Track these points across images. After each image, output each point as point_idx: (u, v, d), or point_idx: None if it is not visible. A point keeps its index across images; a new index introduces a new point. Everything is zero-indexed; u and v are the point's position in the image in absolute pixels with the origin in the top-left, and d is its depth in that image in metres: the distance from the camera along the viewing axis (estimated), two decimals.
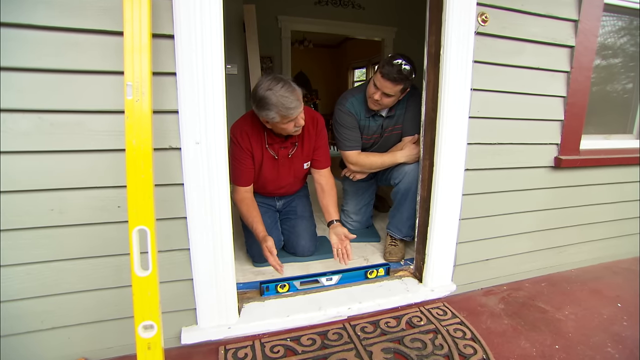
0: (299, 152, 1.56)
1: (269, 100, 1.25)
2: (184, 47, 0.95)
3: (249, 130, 1.44)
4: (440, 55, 1.27)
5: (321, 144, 1.60)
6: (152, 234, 0.81)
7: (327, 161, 1.64)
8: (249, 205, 1.48)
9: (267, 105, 1.26)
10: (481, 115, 1.35)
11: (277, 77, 1.28)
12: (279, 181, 1.60)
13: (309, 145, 1.56)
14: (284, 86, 1.26)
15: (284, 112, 1.27)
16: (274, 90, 1.24)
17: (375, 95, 1.57)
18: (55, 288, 1.00)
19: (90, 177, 0.96)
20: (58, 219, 0.95)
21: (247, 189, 1.50)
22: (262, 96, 1.25)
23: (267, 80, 1.27)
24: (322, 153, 1.61)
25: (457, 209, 1.40)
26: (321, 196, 1.61)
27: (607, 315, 1.38)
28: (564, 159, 1.51)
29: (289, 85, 1.28)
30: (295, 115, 1.31)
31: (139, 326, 0.82)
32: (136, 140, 0.80)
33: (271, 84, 1.25)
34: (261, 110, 1.29)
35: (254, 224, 1.43)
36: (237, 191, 1.48)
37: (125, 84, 0.79)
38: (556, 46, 1.38)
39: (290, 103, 1.26)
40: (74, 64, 0.89)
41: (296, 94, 1.29)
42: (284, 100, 1.25)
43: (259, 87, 1.27)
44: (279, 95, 1.24)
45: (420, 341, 1.20)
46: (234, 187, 1.45)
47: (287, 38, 4.13)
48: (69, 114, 0.91)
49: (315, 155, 1.60)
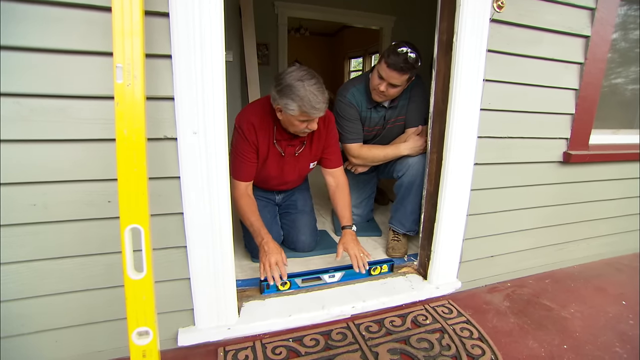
0: (307, 152, 1.47)
1: (297, 90, 1.16)
2: (180, 26, 0.86)
3: (257, 123, 1.33)
4: (452, 43, 1.20)
5: (332, 142, 1.50)
6: (146, 233, 0.74)
7: (339, 160, 1.55)
8: (248, 203, 1.37)
9: (292, 94, 1.17)
10: (492, 108, 1.29)
11: (311, 71, 1.20)
12: (282, 178, 1.52)
13: (317, 144, 1.48)
14: (316, 83, 1.18)
15: (307, 108, 1.18)
16: (305, 82, 1.16)
17: (380, 87, 1.49)
18: (40, 289, 0.92)
19: (76, 169, 0.87)
20: (41, 214, 0.87)
21: (247, 185, 1.40)
22: (290, 84, 1.17)
23: (300, 70, 1.19)
24: (333, 151, 1.52)
25: (465, 205, 1.35)
26: (334, 197, 1.53)
27: (613, 313, 1.37)
28: (574, 154, 1.47)
29: (321, 85, 1.20)
30: (315, 117, 1.23)
31: (133, 333, 0.75)
32: (128, 129, 0.72)
33: (304, 75, 1.18)
34: (282, 97, 1.20)
35: (254, 225, 1.33)
36: (236, 186, 1.37)
37: (115, 65, 0.70)
38: (572, 36, 1.32)
39: (316, 103, 1.18)
40: (56, 42, 0.79)
41: (325, 96, 1.21)
42: (312, 97, 1.17)
43: (289, 73, 1.19)
44: (308, 89, 1.16)
45: (426, 341, 1.17)
46: (233, 181, 1.36)
47: (283, 25, 4.01)
48: (51, 98, 0.81)
49: (325, 154, 1.51)
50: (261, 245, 1.29)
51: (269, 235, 1.31)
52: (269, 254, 1.26)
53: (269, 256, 1.26)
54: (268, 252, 1.26)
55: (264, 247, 1.28)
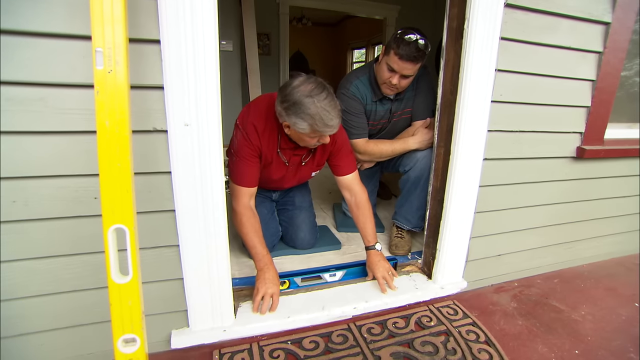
0: (312, 161, 1.36)
1: (307, 109, 1.04)
2: (168, 8, 0.79)
3: (262, 128, 1.19)
4: (463, 30, 1.12)
5: (341, 148, 1.34)
6: (131, 233, 0.68)
7: (351, 166, 1.38)
8: (252, 222, 1.21)
9: (302, 113, 1.04)
10: (504, 100, 1.21)
11: (320, 82, 1.07)
12: (281, 183, 1.41)
13: (327, 150, 1.34)
14: (327, 97, 1.05)
15: (319, 127, 1.06)
16: (315, 99, 1.03)
17: (393, 80, 1.40)
18: (22, 290, 0.87)
19: (59, 163, 0.81)
20: (22, 212, 0.81)
21: (251, 194, 1.24)
22: (299, 101, 1.04)
23: (308, 83, 1.05)
24: (343, 156, 1.35)
25: (472, 201, 1.29)
26: (354, 215, 1.38)
27: (626, 316, 1.31)
28: (588, 149, 1.39)
29: (332, 97, 1.07)
30: (329, 133, 1.12)
31: (119, 340, 0.70)
32: (110, 120, 0.65)
33: (314, 90, 1.04)
34: (290, 116, 1.07)
35: (257, 248, 1.20)
36: (238, 196, 1.21)
37: (94, 50, 0.64)
38: (591, 22, 1.24)
39: (330, 120, 1.06)
40: (32, 24, 0.72)
41: (338, 110, 1.09)
42: (324, 114, 1.04)
43: (296, 88, 1.04)
44: (320, 107, 1.03)
45: (431, 344, 1.12)
46: (234, 188, 1.22)
47: (285, 14, 3.91)
48: (28, 86, 0.75)
49: (334, 160, 1.36)
50: (262, 270, 1.18)
51: (272, 263, 1.21)
52: (267, 283, 1.16)
53: (267, 285, 1.15)
54: (267, 281, 1.16)
55: (265, 274, 1.17)
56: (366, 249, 1.35)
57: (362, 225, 1.35)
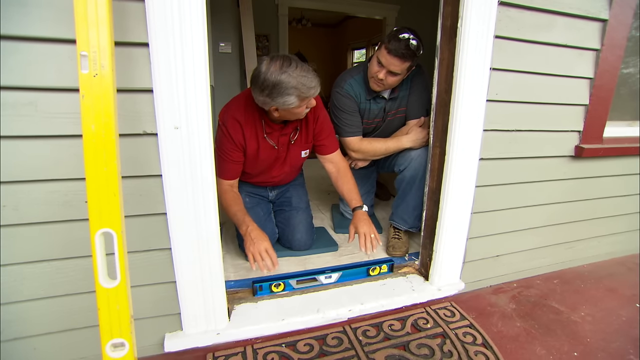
0: (301, 137, 1.39)
1: (288, 84, 1.08)
2: (156, 11, 0.79)
3: (243, 120, 1.25)
4: (457, 28, 1.11)
5: (324, 127, 1.41)
6: (119, 237, 0.68)
7: (335, 143, 1.47)
8: (232, 197, 1.30)
9: (286, 90, 1.08)
10: (500, 99, 1.20)
11: (282, 56, 1.10)
12: (271, 171, 1.44)
13: (311, 127, 1.39)
14: (297, 65, 1.09)
15: (305, 93, 1.12)
16: (289, 72, 1.07)
17: (379, 74, 1.41)
18: (15, 295, 0.87)
19: (49, 167, 0.82)
20: (12, 216, 0.81)
21: (231, 183, 1.33)
22: (277, 81, 1.07)
23: (273, 63, 1.08)
24: (326, 135, 1.43)
25: (469, 202, 1.28)
26: (337, 183, 1.45)
27: (626, 317, 1.29)
28: (586, 147, 1.37)
29: (300, 62, 1.11)
30: (314, 95, 1.17)
31: (107, 345, 0.70)
32: (95, 124, 0.65)
33: (282, 65, 1.07)
34: (276, 98, 1.11)
35: (237, 214, 1.25)
36: (220, 183, 1.30)
37: (79, 53, 0.63)
38: (587, 19, 1.22)
39: (310, 82, 1.11)
40: (20, 28, 0.73)
41: (311, 70, 1.14)
42: (304, 80, 1.09)
43: (267, 72, 1.07)
44: (296, 76, 1.08)
45: (427, 347, 1.10)
46: (217, 179, 1.27)
47: (284, 15, 3.91)
48: (16, 91, 0.75)
49: (319, 140, 1.43)
50: (246, 233, 1.20)
51: (253, 223, 1.22)
52: (256, 241, 1.17)
53: (257, 244, 1.16)
54: (255, 240, 1.17)
55: (250, 235, 1.18)
56: (353, 210, 1.38)
57: (347, 190, 1.41)
